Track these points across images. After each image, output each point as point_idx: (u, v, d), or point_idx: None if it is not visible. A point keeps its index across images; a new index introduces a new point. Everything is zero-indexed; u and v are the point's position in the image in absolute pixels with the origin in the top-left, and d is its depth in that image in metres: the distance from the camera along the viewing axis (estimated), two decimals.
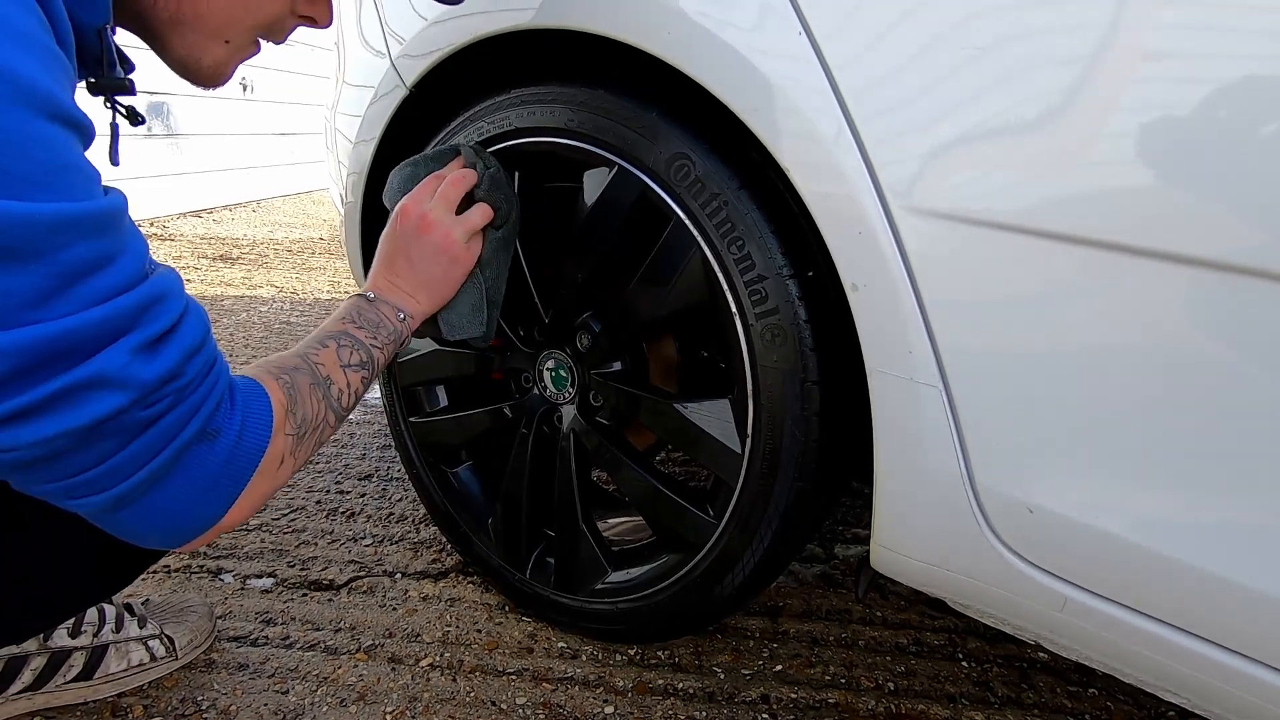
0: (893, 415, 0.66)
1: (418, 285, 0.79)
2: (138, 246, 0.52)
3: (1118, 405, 0.56)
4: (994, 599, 0.67)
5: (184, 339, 0.53)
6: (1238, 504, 0.53)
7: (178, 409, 0.52)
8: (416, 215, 0.79)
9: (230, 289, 2.89)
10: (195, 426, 0.53)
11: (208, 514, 0.57)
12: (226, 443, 0.56)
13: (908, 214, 0.60)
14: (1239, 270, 0.49)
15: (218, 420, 0.55)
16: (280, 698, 0.91)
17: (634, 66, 0.80)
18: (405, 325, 0.77)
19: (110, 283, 0.48)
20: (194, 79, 0.65)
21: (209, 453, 0.55)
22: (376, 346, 0.73)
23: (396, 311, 0.76)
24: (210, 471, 0.55)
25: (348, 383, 0.69)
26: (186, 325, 0.53)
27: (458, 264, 0.80)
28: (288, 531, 1.26)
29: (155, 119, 4.23)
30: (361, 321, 0.73)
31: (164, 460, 0.52)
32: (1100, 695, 0.95)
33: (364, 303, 0.75)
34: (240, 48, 0.65)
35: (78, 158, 0.48)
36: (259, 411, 0.58)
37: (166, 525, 0.55)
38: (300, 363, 0.66)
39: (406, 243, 0.79)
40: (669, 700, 0.92)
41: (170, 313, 0.52)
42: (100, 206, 0.48)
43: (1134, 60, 0.51)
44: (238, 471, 0.57)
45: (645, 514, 0.93)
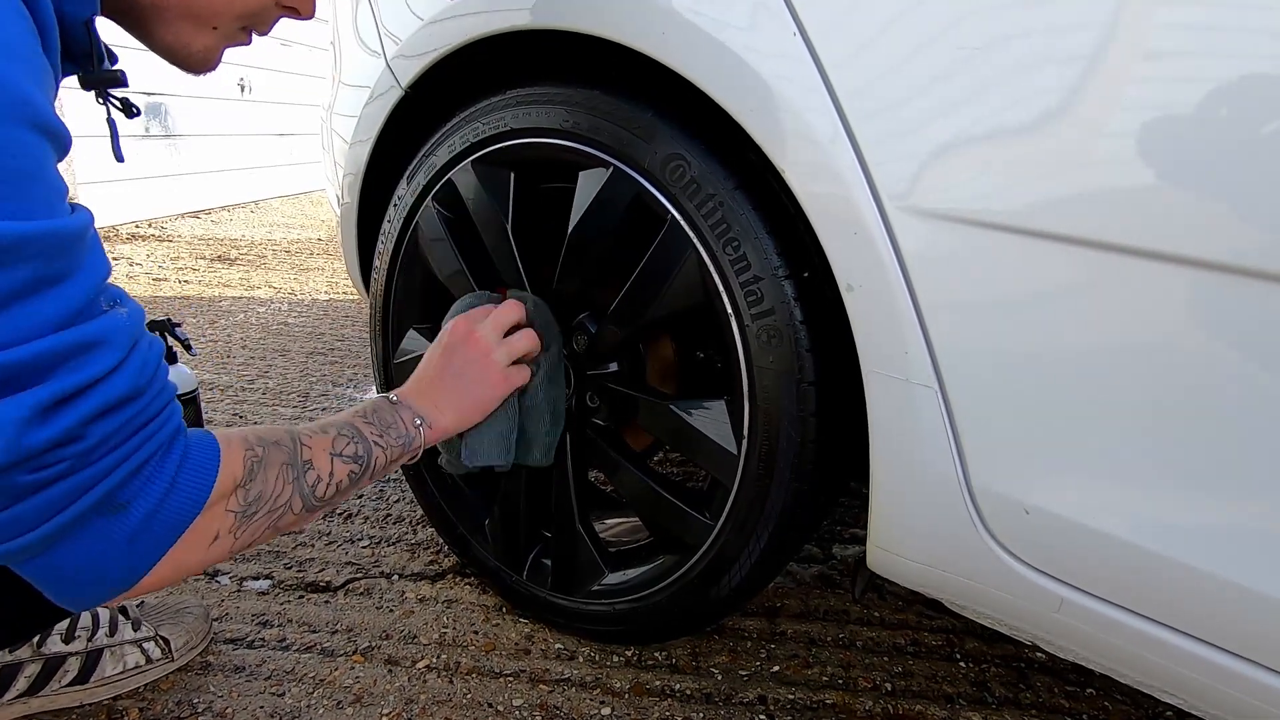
0: (889, 416, 0.66)
1: (448, 399, 0.77)
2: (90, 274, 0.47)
3: (1114, 406, 0.56)
4: (990, 600, 0.67)
5: (99, 398, 0.47)
6: (1234, 504, 0.53)
7: (74, 476, 0.47)
8: (465, 330, 0.81)
9: (228, 290, 2.89)
10: (94, 497, 0.48)
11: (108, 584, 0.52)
12: (136, 516, 0.50)
13: (903, 214, 0.60)
14: (1236, 271, 0.49)
15: (129, 491, 0.49)
16: (276, 700, 0.90)
17: (629, 67, 0.80)
18: (420, 433, 0.74)
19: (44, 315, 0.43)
20: (183, 65, 0.64)
21: (111, 525, 0.49)
22: (379, 445, 0.70)
23: (415, 418, 0.74)
24: (112, 545, 0.50)
25: (331, 472, 0.64)
26: (111, 382, 0.47)
27: (493, 386, 0.80)
28: (284, 533, 1.26)
29: (153, 119, 4.23)
30: (373, 419, 0.71)
31: (51, 530, 0.47)
32: (1098, 695, 0.95)
33: (384, 404, 0.74)
34: (228, 35, 0.64)
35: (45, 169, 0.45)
36: (195, 480, 0.53)
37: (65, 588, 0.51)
38: (285, 439, 0.62)
39: (448, 359, 0.79)
40: (666, 701, 0.92)
41: (96, 364, 0.46)
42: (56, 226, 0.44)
43: (1129, 61, 0.51)
44: (149, 547, 0.51)
45: (642, 515, 0.93)
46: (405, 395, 0.76)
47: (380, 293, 1.08)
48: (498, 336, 0.81)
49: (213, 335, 2.32)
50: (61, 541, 0.48)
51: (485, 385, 0.80)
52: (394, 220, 1.03)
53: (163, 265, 3.24)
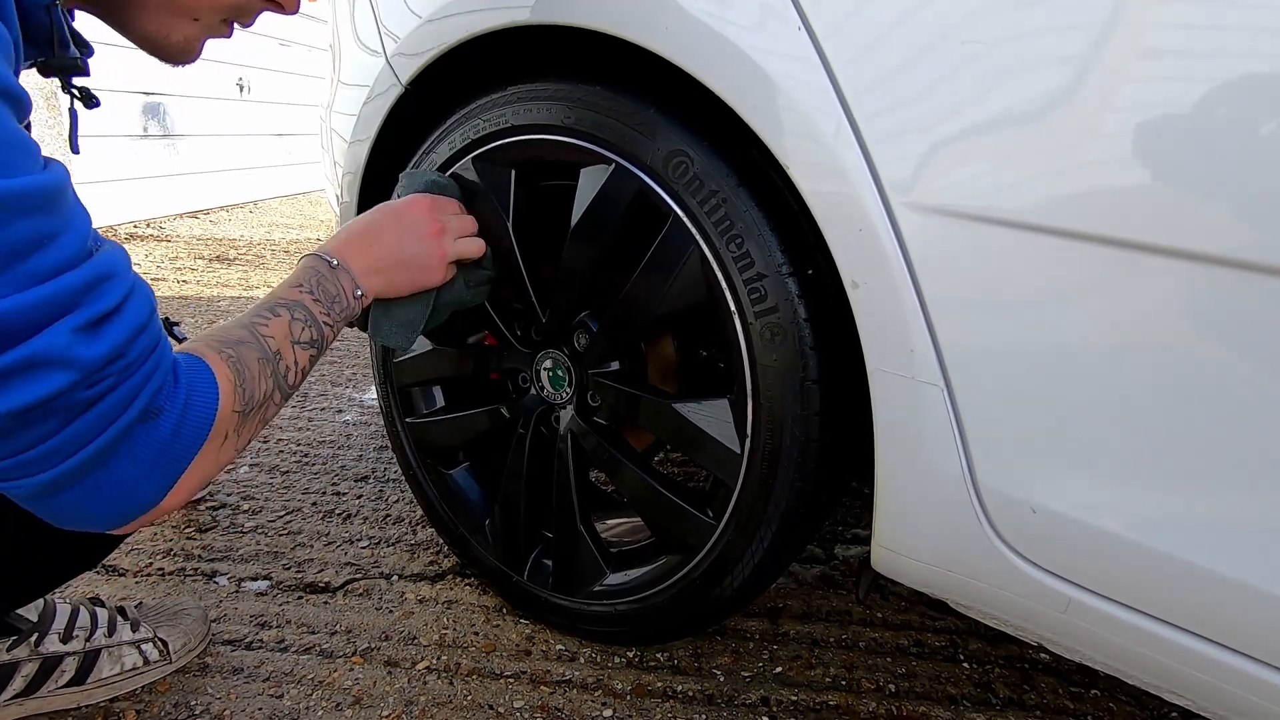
0: (894, 414, 0.66)
1: (386, 269, 0.76)
2: (80, 222, 0.50)
3: (1122, 403, 0.55)
4: (996, 600, 0.66)
5: (128, 319, 0.51)
6: (1243, 503, 0.53)
7: (120, 389, 0.51)
8: (429, 211, 0.79)
9: (227, 290, 2.88)
10: (139, 406, 0.52)
11: (147, 495, 0.55)
12: (170, 422, 0.54)
13: (909, 211, 0.60)
14: (1246, 266, 0.48)
15: (161, 399, 0.54)
16: (275, 702, 0.90)
17: (632, 63, 0.79)
18: (358, 304, 0.73)
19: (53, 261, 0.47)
20: (162, 56, 0.64)
21: (152, 432, 0.53)
22: (329, 324, 0.70)
23: (355, 287, 0.73)
24: (153, 451, 0.54)
25: (295, 360, 0.66)
26: (131, 305, 0.52)
27: (429, 275, 0.79)
28: (283, 534, 1.25)
29: (151, 119, 4.22)
30: (319, 292, 0.70)
31: (106, 441, 0.51)
32: (1103, 696, 0.94)
33: (325, 268, 0.71)
34: (209, 26, 0.64)
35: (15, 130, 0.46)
36: (204, 389, 0.57)
37: (106, 508, 0.54)
38: (247, 335, 0.63)
39: (403, 229, 0.77)
40: (668, 703, 0.91)
41: (115, 292, 0.51)
42: (41, 181, 0.46)
43: (1136, 55, 0.50)
44: (181, 451, 0.55)
45: (644, 515, 0.92)
46: (344, 256, 0.73)
47: None
48: (455, 235, 0.81)
49: None
50: (111, 454, 0.51)
51: (425, 270, 0.79)
52: None
53: (161, 265, 3.24)
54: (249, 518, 1.30)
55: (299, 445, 1.59)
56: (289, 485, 1.42)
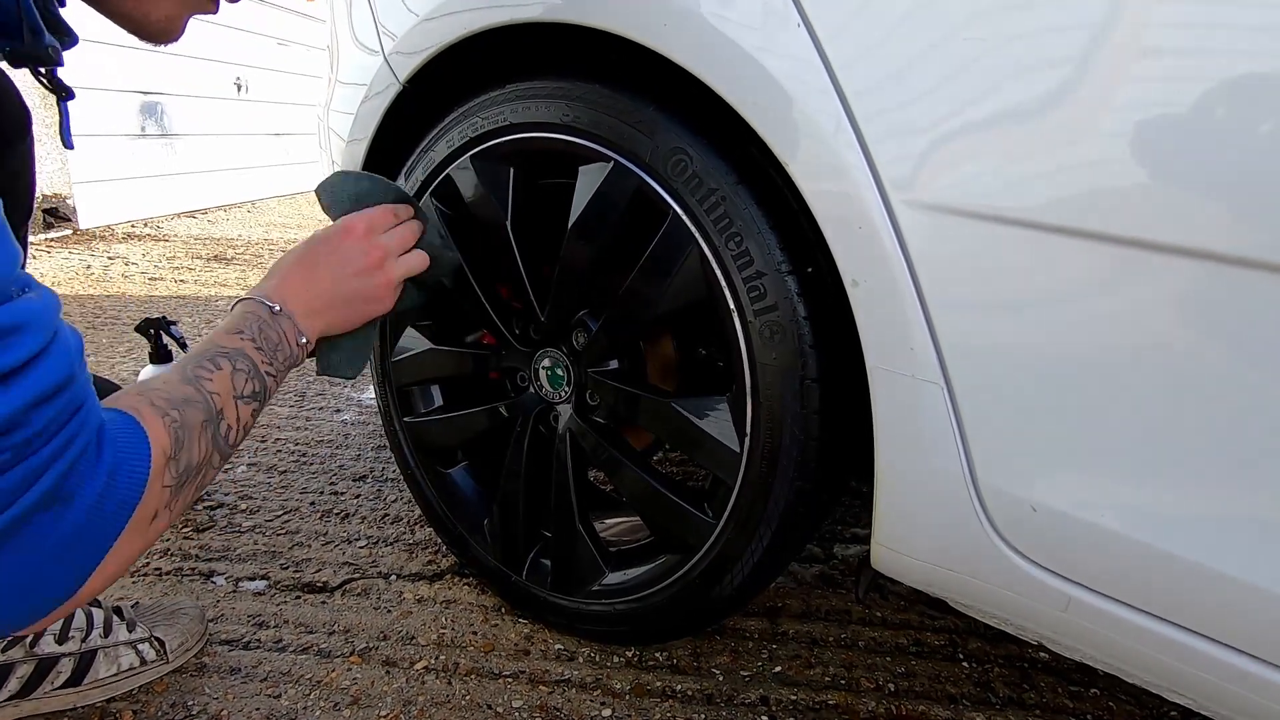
0: (894, 413, 0.65)
1: (326, 309, 0.71)
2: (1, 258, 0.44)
3: (1122, 401, 0.55)
4: (996, 599, 0.66)
5: (36, 381, 0.44)
6: (1244, 501, 0.53)
7: (19, 467, 0.43)
8: (367, 240, 0.73)
9: (225, 289, 2.88)
10: (42, 488, 0.44)
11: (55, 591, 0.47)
12: (82, 507, 0.46)
13: (909, 208, 0.60)
14: (1245, 263, 0.48)
15: (73, 480, 0.45)
16: (273, 702, 0.89)
17: (631, 61, 0.79)
18: (302, 351, 0.68)
19: None
20: (144, 34, 0.61)
21: (57, 520, 0.45)
22: (271, 374, 0.64)
23: (299, 334, 0.68)
24: (58, 542, 0.45)
25: (238, 417, 0.60)
26: (43, 365, 0.44)
27: (377, 305, 0.75)
28: (281, 533, 1.25)
29: (149, 119, 4.21)
30: (261, 341, 0.64)
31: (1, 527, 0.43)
32: (1102, 695, 0.94)
33: (266, 314, 0.66)
34: (192, 3, 0.61)
35: None
36: (132, 463, 0.49)
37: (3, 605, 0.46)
38: (194, 393, 0.57)
39: (342, 265, 0.72)
40: (667, 702, 0.91)
41: (23, 347, 0.43)
42: None
43: (1137, 53, 0.50)
44: (98, 538, 0.47)
45: (643, 514, 0.92)
46: (286, 299, 0.68)
47: None
48: (398, 252, 0.76)
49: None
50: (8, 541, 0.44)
51: (370, 303, 0.74)
52: None
53: (159, 265, 3.23)
54: (246, 517, 1.30)
55: (297, 445, 1.59)
56: (286, 485, 1.42)
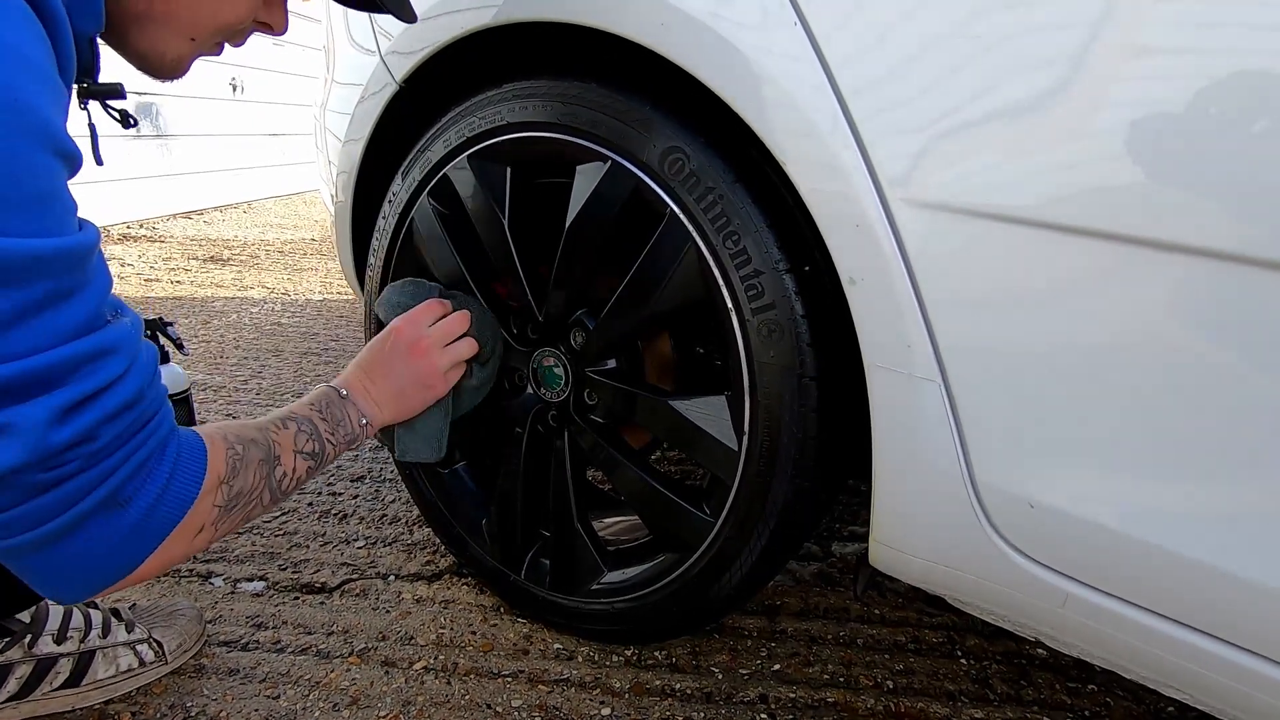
0: (891, 411, 0.66)
1: (389, 399, 0.82)
2: (98, 286, 0.50)
3: (1119, 398, 0.55)
4: (994, 595, 0.66)
5: (110, 401, 0.50)
6: (1240, 497, 0.53)
7: (84, 475, 0.50)
8: (411, 337, 0.84)
9: (221, 290, 2.87)
10: (101, 494, 0.51)
11: (108, 574, 0.55)
12: (136, 511, 0.53)
13: (906, 207, 0.60)
14: (1241, 260, 0.48)
15: (131, 488, 0.53)
16: (271, 703, 0.89)
17: (628, 60, 0.79)
18: (363, 431, 0.79)
19: (62, 325, 0.47)
20: (154, 72, 0.65)
21: (114, 521, 0.53)
22: (332, 443, 0.75)
23: (360, 416, 0.79)
24: (114, 538, 0.53)
25: (294, 468, 0.70)
26: (121, 386, 0.51)
27: (433, 391, 0.85)
28: (279, 534, 1.25)
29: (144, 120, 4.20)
30: (327, 414, 0.76)
31: (62, 524, 0.50)
32: (1099, 691, 0.94)
33: (335, 397, 0.78)
34: (203, 46, 0.66)
35: (62, 189, 0.48)
36: (186, 477, 0.57)
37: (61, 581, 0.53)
38: (260, 437, 0.67)
39: (393, 359, 0.83)
40: (666, 701, 0.91)
41: (107, 370, 0.50)
42: (71, 243, 0.47)
43: (1133, 51, 0.50)
44: (145, 539, 0.55)
45: (641, 513, 0.92)
46: (352, 389, 0.80)
47: (375, 291, 1.07)
48: (442, 345, 0.85)
49: (205, 336, 2.30)
50: (67, 536, 0.51)
51: (425, 390, 0.84)
52: (389, 217, 1.02)
53: (155, 266, 3.22)
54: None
55: None
56: None
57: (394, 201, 1.01)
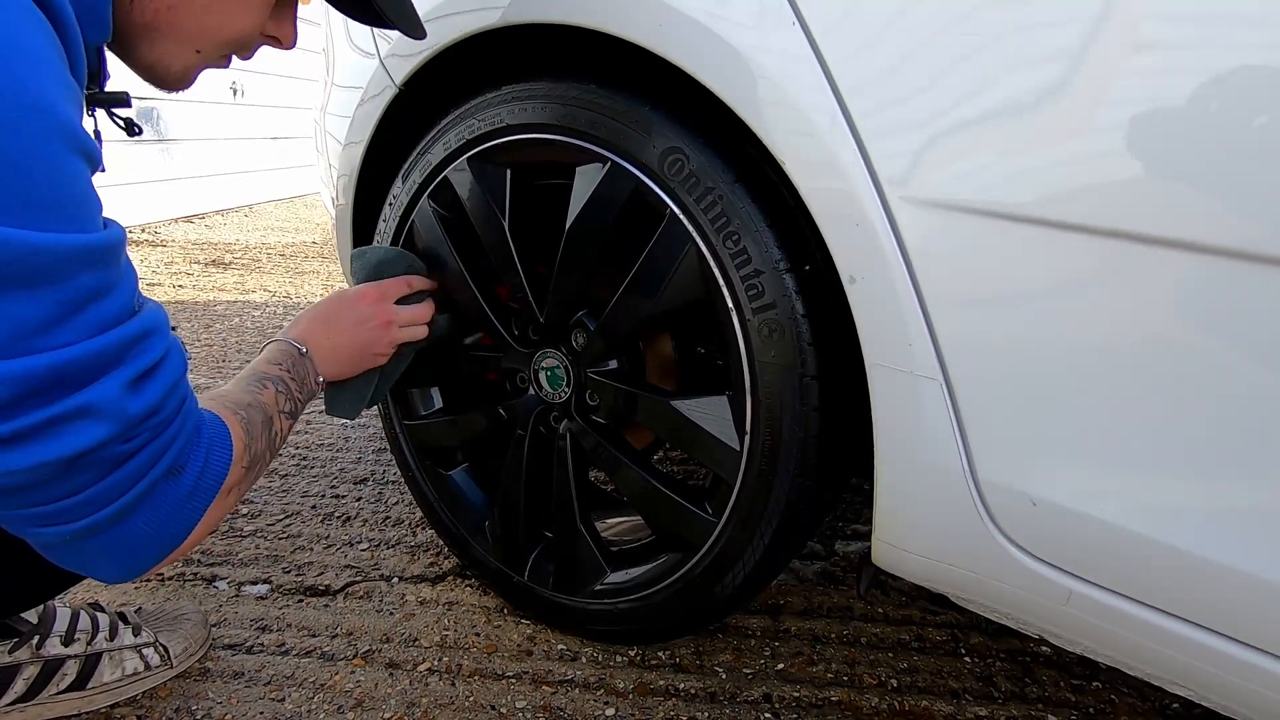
0: (893, 409, 0.66)
1: (341, 358, 0.85)
2: (131, 279, 0.54)
3: (1121, 394, 0.55)
4: (997, 593, 0.66)
5: (166, 376, 0.54)
6: (1243, 492, 0.53)
7: (152, 445, 0.54)
8: (379, 309, 0.88)
9: (223, 294, 2.88)
10: (166, 462, 0.55)
11: (166, 543, 0.58)
12: (190, 477, 0.58)
13: (906, 205, 0.60)
14: (1242, 256, 0.48)
15: (185, 455, 0.57)
16: (276, 705, 0.89)
17: (627, 61, 0.79)
18: (316, 389, 0.83)
19: (108, 314, 0.50)
20: (159, 83, 0.66)
21: (174, 487, 0.57)
22: (298, 399, 0.78)
23: (316, 374, 0.82)
24: (172, 506, 0.57)
25: (282, 427, 0.73)
26: (169, 362, 0.55)
27: (377, 361, 0.90)
28: (283, 537, 1.25)
29: (145, 124, 4.21)
30: (294, 374, 0.78)
31: (136, 494, 0.54)
32: (1104, 689, 0.94)
33: (296, 354, 0.80)
34: (209, 58, 0.66)
35: (90, 188, 0.50)
36: (221, 446, 0.61)
37: (127, 556, 0.57)
38: (252, 400, 0.70)
39: (356, 325, 0.86)
40: (670, 701, 0.91)
41: (156, 348, 0.54)
42: (107, 238, 0.50)
43: (1132, 47, 0.50)
44: (196, 505, 0.59)
45: (644, 513, 0.92)
46: (310, 344, 0.82)
47: None
48: (403, 322, 0.90)
49: (208, 339, 2.30)
50: (138, 507, 0.54)
51: (373, 359, 0.89)
52: (389, 220, 1.02)
53: (156, 270, 3.23)
54: (248, 521, 1.30)
55: (297, 448, 1.59)
56: (287, 489, 1.42)
57: (394, 204, 1.01)
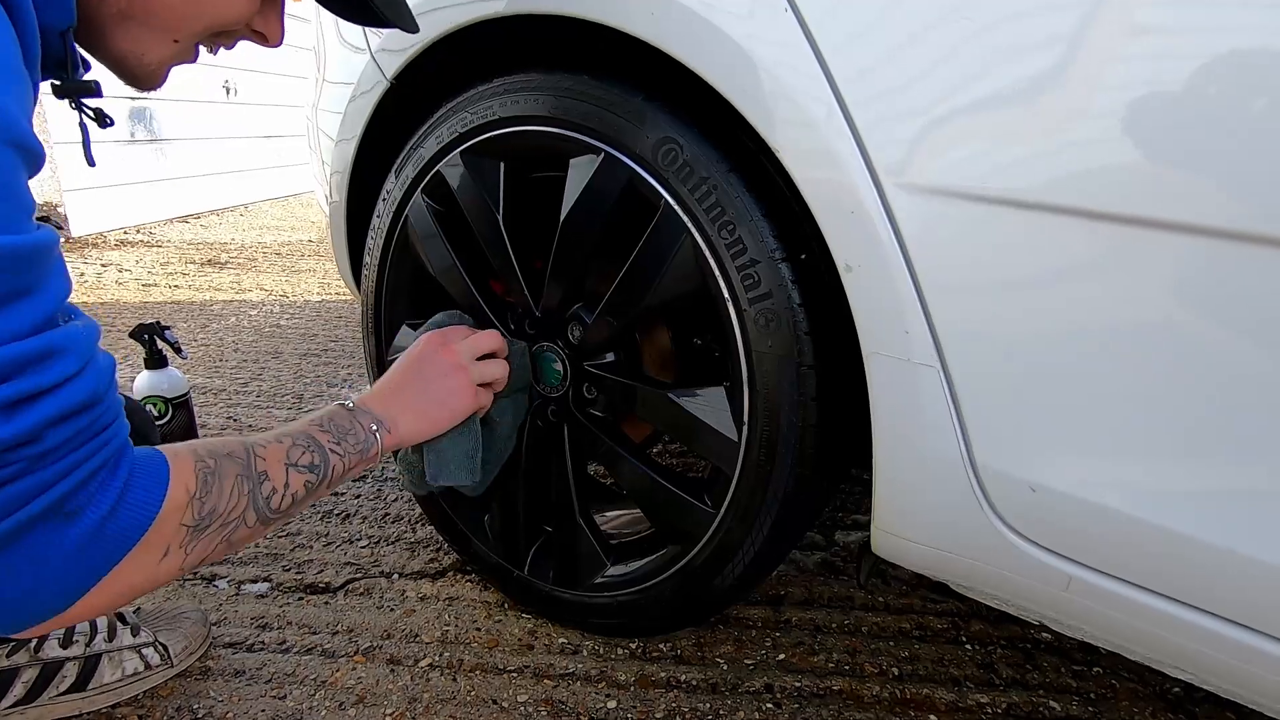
0: (891, 398, 0.65)
1: (409, 405, 0.77)
2: (53, 291, 0.48)
3: (1119, 380, 0.55)
4: (997, 580, 0.66)
5: (58, 402, 0.47)
6: (1240, 476, 0.53)
7: (27, 479, 0.47)
8: (438, 342, 0.81)
9: (219, 294, 2.87)
10: (46, 501, 0.48)
11: (49, 601, 0.50)
12: (86, 525, 0.49)
13: (901, 192, 0.59)
14: (1241, 237, 0.48)
15: (80, 498, 0.49)
16: (278, 703, 0.89)
17: (620, 52, 0.78)
18: (377, 437, 0.73)
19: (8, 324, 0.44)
20: (130, 77, 0.62)
21: (60, 533, 0.49)
22: (336, 453, 0.69)
23: (372, 423, 0.73)
24: (63, 554, 0.49)
25: (286, 483, 0.63)
26: (71, 387, 0.48)
27: (461, 398, 0.80)
28: (282, 535, 1.25)
29: (138, 124, 4.19)
30: (329, 426, 0.70)
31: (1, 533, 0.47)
32: (1105, 674, 0.94)
33: (340, 410, 0.73)
34: (185, 50, 0.63)
35: (18, 185, 0.45)
36: (144, 493, 0.52)
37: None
38: (238, 450, 0.61)
39: (418, 363, 0.79)
40: (672, 693, 0.91)
41: (57, 370, 0.47)
42: (23, 242, 0.45)
43: (1128, 31, 0.50)
44: (97, 559, 0.50)
45: (643, 506, 0.92)
46: (364, 401, 0.76)
47: (371, 290, 1.06)
48: (472, 356, 0.82)
49: (204, 339, 2.30)
50: (8, 547, 0.47)
51: (454, 396, 0.80)
52: (383, 215, 1.01)
53: (152, 270, 3.22)
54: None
55: None
56: None
57: (388, 200, 1.00)
